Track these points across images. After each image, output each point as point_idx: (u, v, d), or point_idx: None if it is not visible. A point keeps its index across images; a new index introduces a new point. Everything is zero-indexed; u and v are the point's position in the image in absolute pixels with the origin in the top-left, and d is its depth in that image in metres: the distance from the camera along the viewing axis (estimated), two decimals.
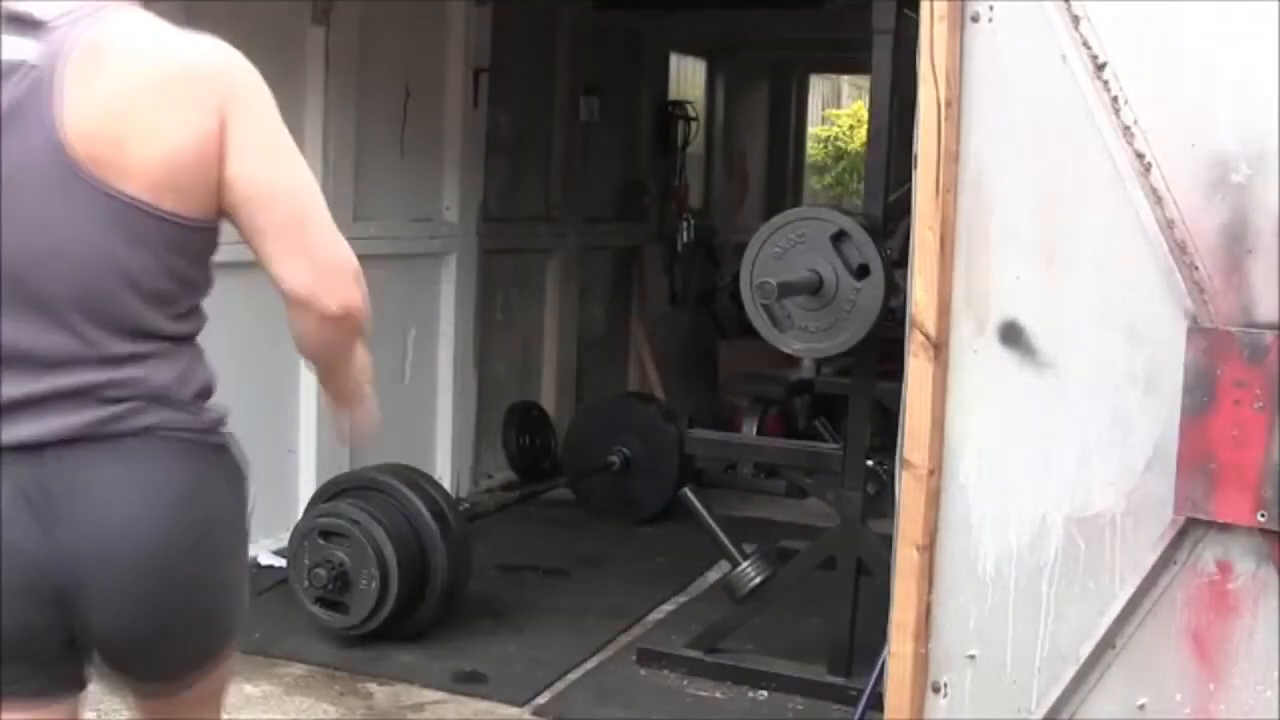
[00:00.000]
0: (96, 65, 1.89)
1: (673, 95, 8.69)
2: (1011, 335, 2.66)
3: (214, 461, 2.04)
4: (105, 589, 1.93)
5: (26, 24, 1.90)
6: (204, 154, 1.92)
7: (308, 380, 5.38)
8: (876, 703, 3.03)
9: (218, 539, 2.05)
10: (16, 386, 1.90)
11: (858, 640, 4.03)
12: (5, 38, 1.89)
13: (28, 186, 1.89)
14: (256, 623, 4.29)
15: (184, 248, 1.97)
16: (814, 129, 12.43)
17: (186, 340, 2.03)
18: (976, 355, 2.70)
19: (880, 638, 2.92)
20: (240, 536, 2.14)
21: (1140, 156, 2.50)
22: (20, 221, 1.89)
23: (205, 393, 2.05)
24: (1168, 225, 2.48)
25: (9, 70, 1.88)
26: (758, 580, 4.30)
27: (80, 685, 2.06)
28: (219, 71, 1.95)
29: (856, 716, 3.50)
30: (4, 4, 1.92)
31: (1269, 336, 2.37)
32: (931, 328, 2.70)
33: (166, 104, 1.90)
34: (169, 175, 1.90)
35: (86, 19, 1.92)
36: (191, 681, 2.12)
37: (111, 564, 1.92)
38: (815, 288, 3.78)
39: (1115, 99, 2.51)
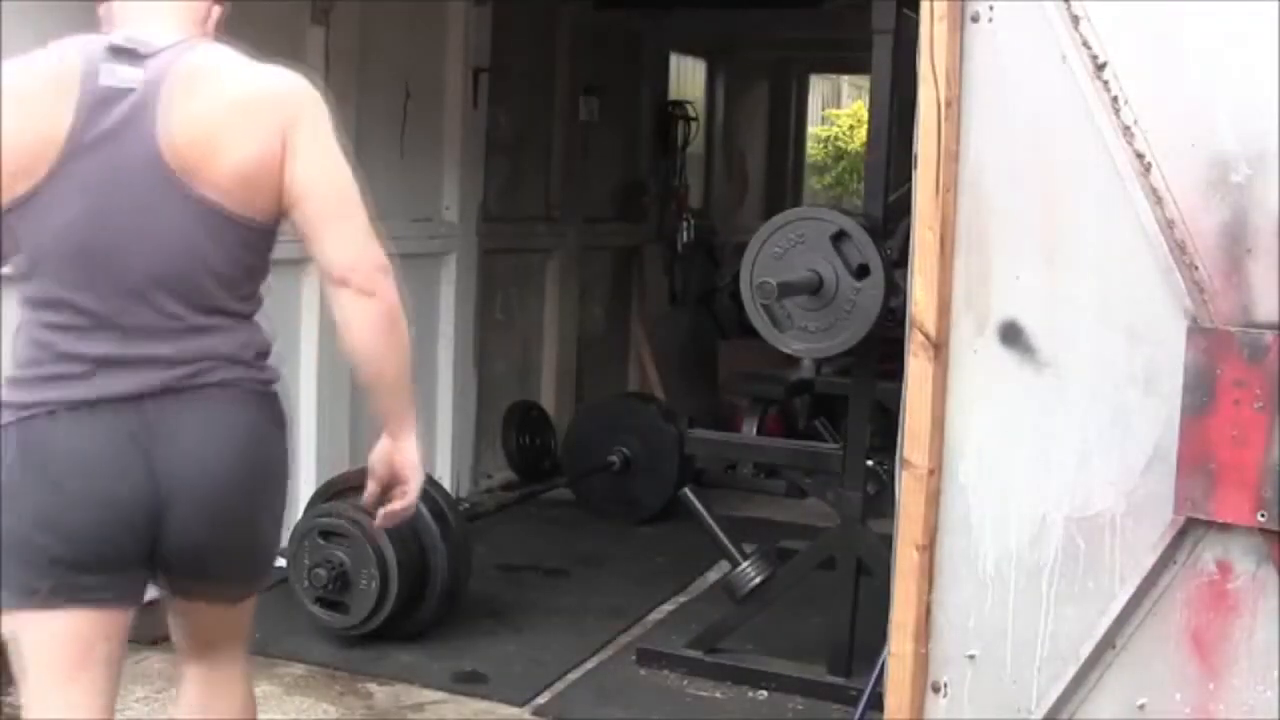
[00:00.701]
0: (190, 90, 2.33)
1: (673, 95, 8.68)
2: (1011, 335, 2.66)
3: (269, 410, 2.49)
4: (186, 510, 2.37)
5: (133, 55, 2.33)
6: (268, 164, 2.34)
7: (308, 381, 5.38)
8: (876, 703, 3.03)
9: (271, 472, 2.53)
10: (108, 347, 2.33)
11: (858, 640, 4.03)
12: (115, 66, 2.32)
13: (128, 188, 2.31)
14: (256, 623, 4.29)
15: (251, 244, 2.41)
16: (814, 129, 12.43)
17: (249, 315, 2.47)
18: (976, 355, 2.70)
19: (880, 638, 2.92)
20: (285, 473, 2.60)
21: (1140, 156, 2.50)
22: (120, 217, 2.32)
23: (264, 354, 2.49)
24: (1168, 225, 2.48)
25: (118, 94, 2.31)
26: (758, 580, 4.30)
27: (139, 601, 2.48)
28: (285, 96, 2.40)
29: (856, 716, 3.50)
30: (114, 38, 2.37)
31: (1269, 336, 2.37)
32: (931, 328, 2.70)
33: (243, 123, 2.33)
34: (243, 183, 2.33)
35: (181, 51, 2.36)
36: (235, 598, 2.60)
37: (192, 490, 2.37)
38: (815, 288, 3.78)
39: (1115, 99, 2.51)
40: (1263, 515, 2.39)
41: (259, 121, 2.34)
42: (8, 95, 2.32)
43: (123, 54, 2.33)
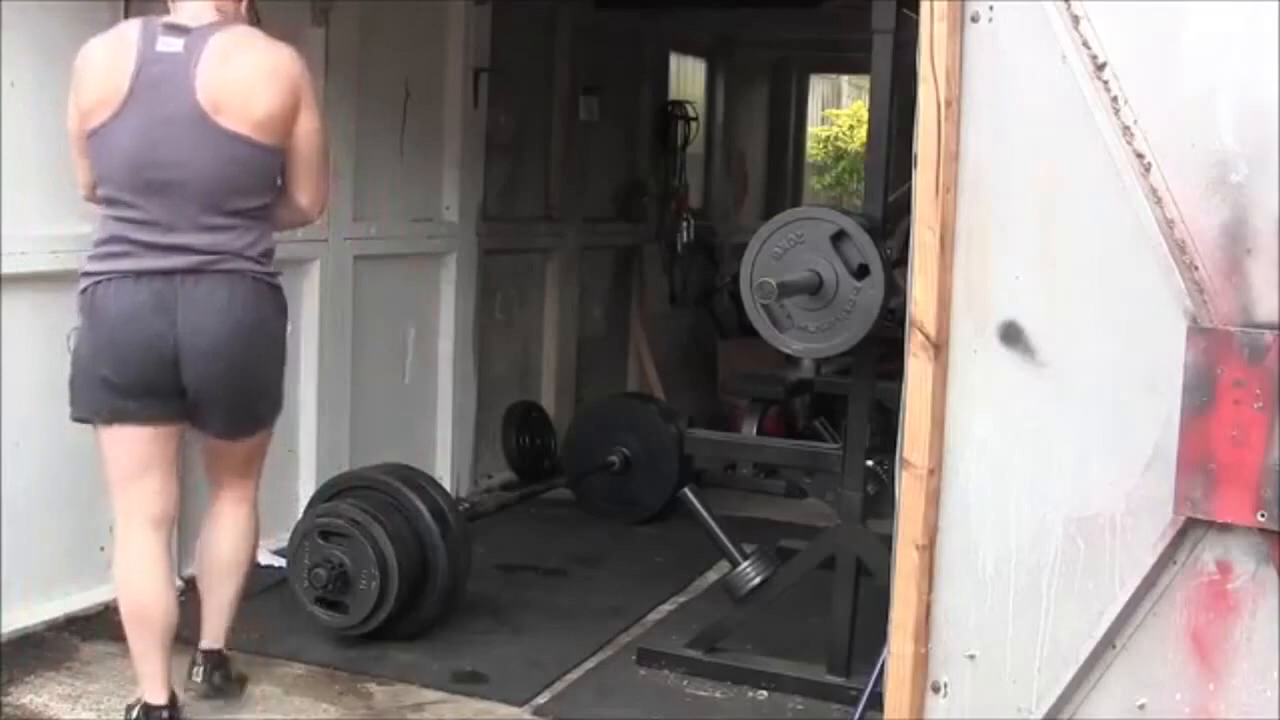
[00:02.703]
0: (225, 59, 3.37)
1: (673, 95, 8.67)
2: (1011, 335, 2.66)
3: (263, 292, 3.49)
4: (195, 359, 3.40)
5: (178, 29, 3.40)
6: (285, 113, 3.43)
7: (307, 381, 5.39)
8: (876, 703, 3.03)
9: (262, 338, 3.53)
10: (152, 236, 3.37)
11: (858, 640, 4.03)
12: (166, 38, 3.37)
13: (170, 124, 3.35)
14: (256, 623, 4.29)
15: (265, 164, 3.46)
16: (814, 129, 12.42)
17: (259, 220, 3.48)
18: (976, 355, 2.70)
19: (880, 638, 2.92)
20: (278, 345, 3.63)
21: (1140, 156, 2.50)
22: (163, 144, 3.35)
23: (269, 252, 3.51)
24: (1168, 225, 2.48)
25: (167, 56, 3.36)
26: (758, 580, 4.29)
27: (176, 422, 3.53)
28: (296, 68, 3.48)
29: (856, 716, 3.50)
30: (167, 19, 3.43)
31: (1269, 336, 2.37)
32: (931, 328, 2.71)
33: (268, 83, 3.41)
34: (266, 121, 3.39)
35: (215, 29, 3.41)
36: (242, 433, 3.64)
37: (200, 343, 3.39)
38: (815, 288, 3.78)
39: (1115, 99, 2.51)
40: (1263, 515, 2.39)
41: (279, 83, 3.41)
42: (90, 59, 3.44)
43: (172, 29, 3.40)
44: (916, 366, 2.74)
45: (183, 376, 3.39)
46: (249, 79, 3.37)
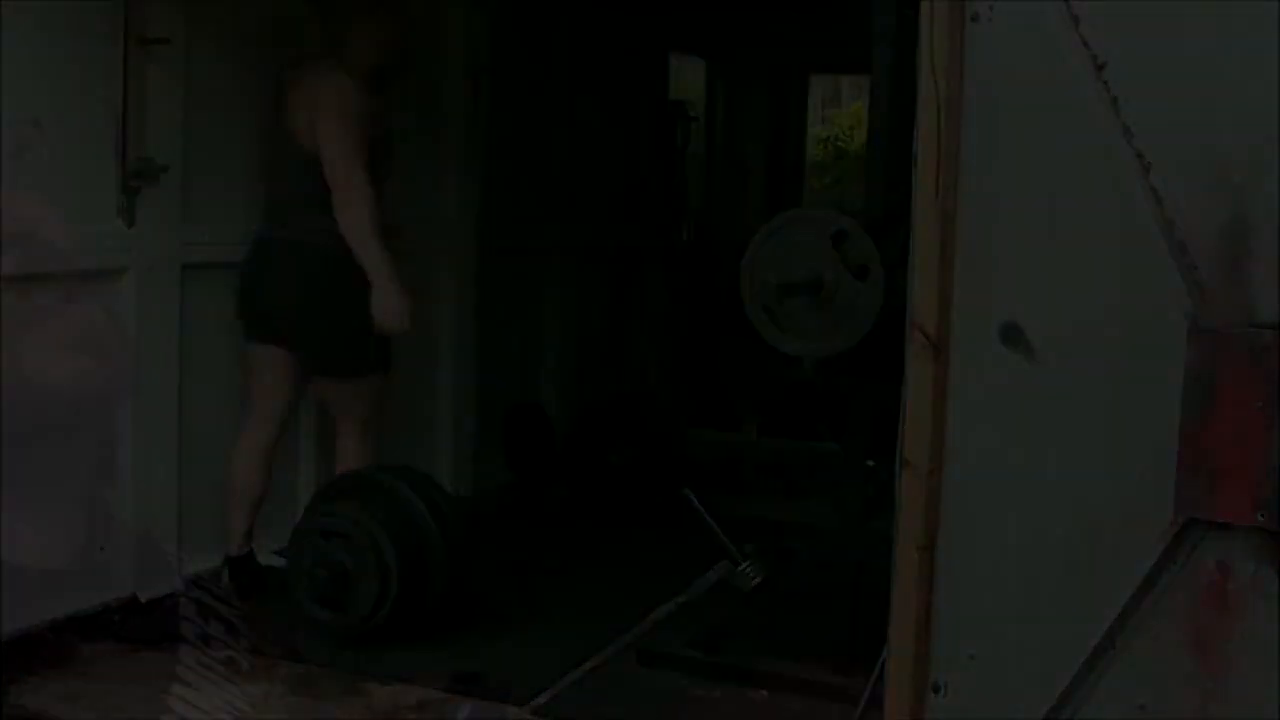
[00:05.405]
0: (300, 88, 4.67)
1: (673, 95, 8.67)
2: (1011, 335, 2.66)
3: (335, 264, 4.58)
4: (276, 309, 4.69)
5: (299, 67, 4.74)
6: (310, 128, 4.60)
7: None
8: (876, 703, 3.03)
9: (328, 296, 4.66)
10: (271, 217, 4.76)
11: (858, 640, 4.02)
12: (293, 71, 4.73)
13: (281, 135, 4.69)
14: (256, 623, 4.29)
15: (317, 166, 4.60)
16: (814, 129, 12.41)
17: (326, 212, 4.57)
18: (976, 355, 2.70)
19: (880, 638, 2.92)
20: (343, 304, 4.62)
21: (1140, 156, 2.50)
22: (279, 150, 4.71)
23: (335, 234, 4.55)
24: (1168, 225, 2.48)
25: (287, 85, 4.72)
26: (758, 580, 4.29)
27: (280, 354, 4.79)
28: (323, 95, 4.62)
29: (856, 716, 3.50)
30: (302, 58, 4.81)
31: (1269, 336, 2.37)
32: (931, 328, 2.71)
33: (308, 107, 4.62)
34: (308, 133, 4.60)
35: (311, 67, 4.69)
36: (322, 370, 4.82)
37: (277, 298, 4.70)
38: (815, 288, 3.78)
39: (1115, 99, 2.51)
40: (1263, 515, 2.39)
41: (311, 106, 4.61)
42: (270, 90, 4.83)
43: (296, 66, 4.76)
44: (916, 367, 2.74)
45: (273, 322, 4.66)
46: (305, 104, 4.61)
